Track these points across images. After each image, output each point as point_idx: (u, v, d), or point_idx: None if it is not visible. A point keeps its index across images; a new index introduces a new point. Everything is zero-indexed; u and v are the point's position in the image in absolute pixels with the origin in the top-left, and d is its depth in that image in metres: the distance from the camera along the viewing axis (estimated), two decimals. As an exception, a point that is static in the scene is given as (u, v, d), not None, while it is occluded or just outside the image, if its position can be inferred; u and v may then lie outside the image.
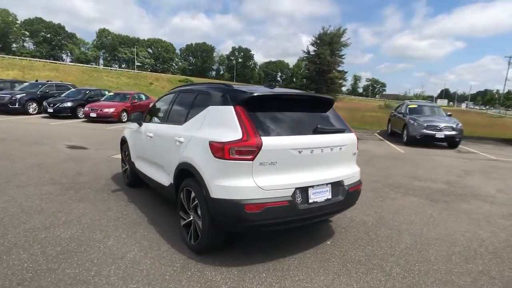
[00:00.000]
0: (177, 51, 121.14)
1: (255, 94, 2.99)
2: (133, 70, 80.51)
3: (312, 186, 3.00)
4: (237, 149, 2.74)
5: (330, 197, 3.13)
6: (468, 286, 2.84)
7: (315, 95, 3.53)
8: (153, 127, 4.30)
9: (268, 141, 2.78)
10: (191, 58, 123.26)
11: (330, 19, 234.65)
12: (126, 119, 15.18)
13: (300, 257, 3.22)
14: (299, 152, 2.94)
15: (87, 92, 17.05)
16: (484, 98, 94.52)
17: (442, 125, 11.56)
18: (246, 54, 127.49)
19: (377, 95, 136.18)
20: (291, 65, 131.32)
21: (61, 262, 2.94)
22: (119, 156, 7.53)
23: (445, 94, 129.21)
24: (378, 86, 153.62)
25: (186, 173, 3.29)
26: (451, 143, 11.72)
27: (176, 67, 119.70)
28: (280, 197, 2.82)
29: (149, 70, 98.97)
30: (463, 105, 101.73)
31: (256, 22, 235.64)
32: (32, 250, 3.15)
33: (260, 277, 2.84)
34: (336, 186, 3.20)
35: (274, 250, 3.33)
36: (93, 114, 14.62)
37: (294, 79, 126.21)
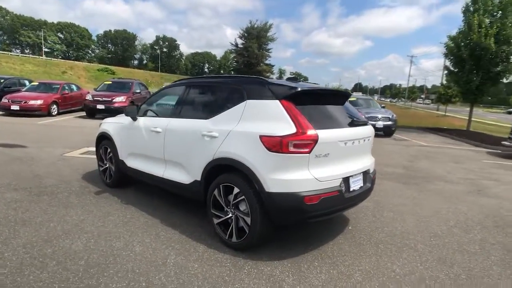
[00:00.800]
0: (94, 38, 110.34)
1: (300, 89, 3.01)
2: (40, 57, 70.74)
3: (352, 176, 3.17)
4: (295, 142, 2.74)
5: (362, 185, 3.34)
6: (479, 252, 3.34)
7: (343, 90, 3.69)
8: (160, 122, 3.95)
9: (322, 134, 2.84)
10: (110, 45, 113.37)
11: (254, 14, 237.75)
12: (56, 112, 13.47)
13: (336, 244, 3.38)
14: (345, 144, 3.07)
15: (1, 81, 14.56)
16: (392, 91, 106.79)
17: (379, 116, 12.89)
18: (171, 44, 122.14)
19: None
20: (218, 57, 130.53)
21: (98, 277, 2.60)
22: (73, 154, 6.81)
23: (359, 87, 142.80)
24: (301, 79, 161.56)
25: (224, 169, 3.16)
26: (387, 132, 13.15)
27: (93, 54, 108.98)
28: (332, 187, 2.92)
29: (60, 57, 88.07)
30: (375, 98, 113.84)
31: (178, 12, 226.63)
32: (50, 267, 2.70)
33: (314, 265, 2.92)
34: (366, 174, 3.42)
35: (307, 240, 3.42)
36: (15, 107, 12.60)
37: (222, 71, 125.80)
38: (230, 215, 3.15)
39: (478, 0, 13.77)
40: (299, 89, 3.01)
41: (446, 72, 16.55)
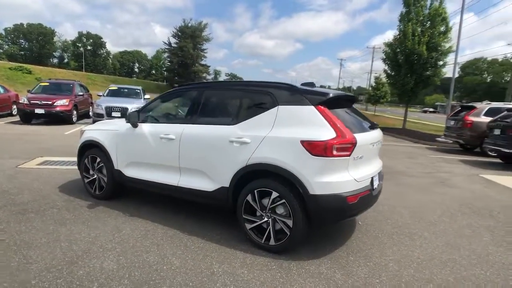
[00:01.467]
0: (1, 32, 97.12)
1: (332, 95, 3.20)
2: None
3: (375, 175, 3.46)
4: (338, 146, 2.91)
5: (379, 182, 3.66)
6: (473, 235, 3.90)
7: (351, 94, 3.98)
8: (172, 128, 3.78)
9: (358, 138, 3.06)
10: (23, 41, 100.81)
11: (184, 12, 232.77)
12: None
13: (357, 239, 3.64)
14: (372, 145, 3.35)
15: None
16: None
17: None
18: (96, 42, 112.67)
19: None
20: (149, 56, 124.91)
21: (155, 294, 2.46)
22: (30, 165, 6.14)
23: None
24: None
25: (258, 174, 3.20)
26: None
27: (1, 51, 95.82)
28: (366, 187, 3.17)
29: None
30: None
31: (100, 6, 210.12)
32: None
33: (351, 260, 3.12)
34: (380, 174, 3.75)
35: (331, 237, 3.62)
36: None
37: (154, 71, 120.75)
38: (266, 219, 3.19)
39: (411, 10, 15.56)
40: (331, 95, 3.19)
41: (384, 75, 18.31)
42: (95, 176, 4.49)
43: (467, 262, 3.22)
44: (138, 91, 14.28)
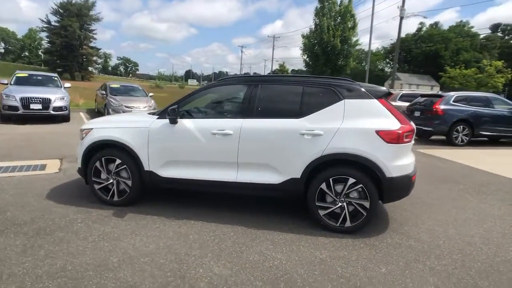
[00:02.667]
0: None
1: (387, 90, 3.64)
2: None
3: None
4: (406, 134, 3.37)
5: None
6: (460, 196, 4.94)
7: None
8: (229, 123, 3.66)
9: (413, 125, 3.58)
10: None
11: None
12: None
13: (390, 214, 4.23)
14: None
15: None
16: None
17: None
18: None
19: (130, 75, 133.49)
20: (19, 35, 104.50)
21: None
22: None
23: (191, 75, 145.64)
24: (131, 65, 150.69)
25: (333, 163, 3.44)
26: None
27: None
28: (415, 167, 3.73)
29: None
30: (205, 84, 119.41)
31: None
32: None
33: (409, 229, 3.68)
34: None
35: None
36: None
37: (27, 53, 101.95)
38: (340, 204, 3.47)
39: (324, 5, 17.18)
40: (386, 90, 3.62)
41: (304, 65, 19.90)
42: (111, 181, 3.97)
43: (478, 218, 4.15)
44: (56, 78, 12.24)
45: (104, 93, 12.41)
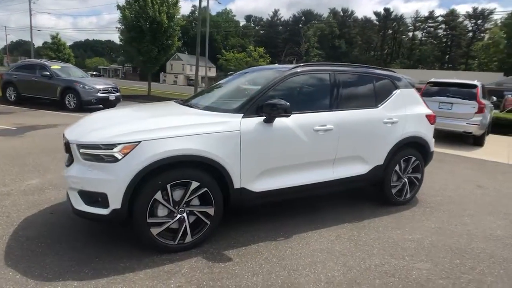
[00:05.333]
0: None
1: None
2: None
3: None
4: (434, 117, 4.27)
5: None
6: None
7: None
8: (327, 117, 3.28)
9: None
10: None
11: None
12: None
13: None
14: None
15: None
16: None
17: (109, 87, 11.98)
18: None
19: None
20: None
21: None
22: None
23: None
24: None
25: (408, 145, 3.89)
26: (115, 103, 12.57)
27: None
28: None
29: None
30: None
31: None
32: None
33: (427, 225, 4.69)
34: None
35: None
36: None
37: None
38: (404, 179, 4.01)
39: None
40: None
41: (121, 40, 17.36)
42: (179, 216, 2.72)
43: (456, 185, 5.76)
44: None
45: None
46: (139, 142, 2.52)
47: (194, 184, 2.68)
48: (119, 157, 2.49)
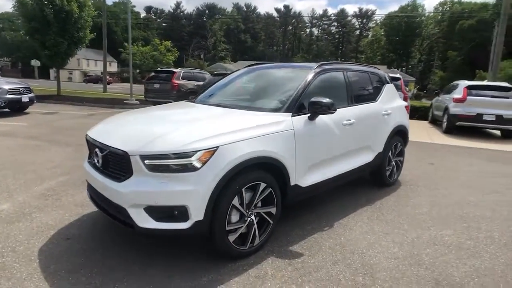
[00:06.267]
0: None
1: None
2: None
3: None
4: (408, 108, 4.99)
5: None
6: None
7: None
8: (348, 112, 3.64)
9: None
10: None
11: None
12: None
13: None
14: None
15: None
16: None
17: (20, 87, 10.16)
18: None
19: None
20: None
21: None
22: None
23: None
24: None
25: (396, 134, 4.46)
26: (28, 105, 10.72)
27: None
28: None
29: None
30: None
31: None
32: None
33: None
34: None
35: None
36: None
37: None
38: (393, 163, 4.63)
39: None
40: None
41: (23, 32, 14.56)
42: (249, 219, 2.73)
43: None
44: None
45: None
46: (218, 147, 2.41)
47: (262, 186, 2.69)
48: (199, 165, 2.34)
